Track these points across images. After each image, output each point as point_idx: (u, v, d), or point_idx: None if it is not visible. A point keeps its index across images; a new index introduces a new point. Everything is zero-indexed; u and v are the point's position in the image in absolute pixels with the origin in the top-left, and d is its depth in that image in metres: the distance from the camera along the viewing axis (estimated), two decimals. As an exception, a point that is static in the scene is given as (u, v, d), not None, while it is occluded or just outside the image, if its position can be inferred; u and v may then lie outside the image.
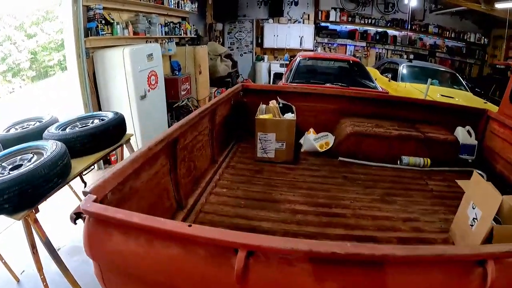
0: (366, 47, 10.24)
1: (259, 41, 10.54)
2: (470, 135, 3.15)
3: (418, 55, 9.75)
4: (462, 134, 3.13)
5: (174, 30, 6.28)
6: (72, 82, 4.03)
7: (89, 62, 4.08)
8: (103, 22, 4.16)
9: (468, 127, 3.17)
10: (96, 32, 4.05)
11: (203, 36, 8.06)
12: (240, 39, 10.67)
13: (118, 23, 4.43)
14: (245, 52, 10.77)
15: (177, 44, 6.39)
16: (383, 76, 6.88)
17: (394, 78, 6.57)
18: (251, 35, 10.58)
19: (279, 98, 3.10)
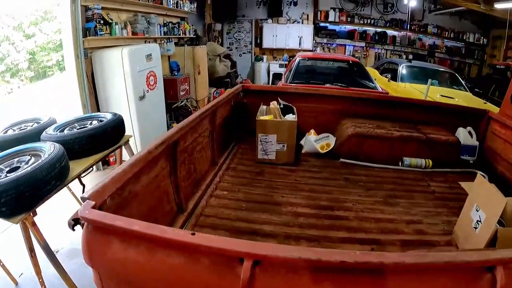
0: (365, 47, 10.24)
1: (258, 41, 10.51)
2: (471, 136, 3.14)
3: (417, 55, 9.75)
4: (463, 135, 3.12)
5: (173, 30, 6.26)
6: (70, 83, 4.00)
7: (87, 63, 4.05)
8: (102, 22, 4.13)
9: (469, 128, 3.16)
10: (95, 32, 4.02)
11: (202, 36, 8.04)
12: (239, 39, 10.64)
13: (117, 23, 4.40)
14: (244, 53, 10.75)
15: (176, 44, 6.37)
16: (383, 77, 6.87)
17: (394, 78, 6.55)
18: (250, 35, 10.56)
19: (280, 99, 3.08)
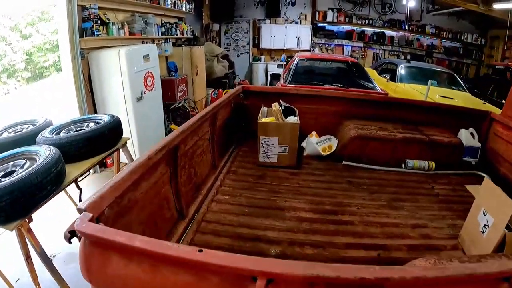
0: (363, 48, 10.23)
1: (256, 41, 10.46)
2: (473, 137, 3.11)
3: (415, 56, 9.74)
4: (466, 136, 3.09)
5: (171, 30, 6.21)
6: (67, 84, 3.94)
7: (84, 63, 3.99)
8: (99, 22, 4.06)
9: (471, 129, 3.14)
10: (91, 33, 3.96)
11: (199, 36, 7.98)
12: (237, 39, 10.58)
13: (114, 23, 4.34)
14: (241, 53, 10.69)
15: (173, 44, 6.32)
16: (381, 77, 6.84)
17: (393, 79, 6.53)
18: (248, 35, 10.50)
19: (281, 101, 3.03)
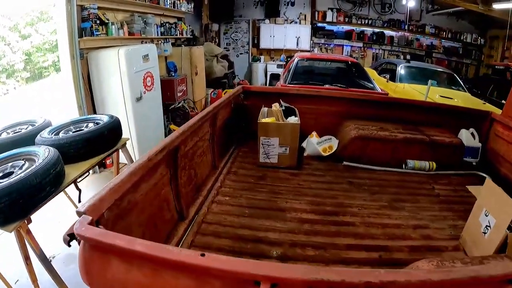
0: (363, 48, 10.22)
1: (256, 41, 10.45)
2: (474, 138, 3.10)
3: (415, 56, 9.74)
4: (466, 137, 3.08)
5: (170, 30, 6.19)
6: (66, 84, 3.93)
7: (83, 63, 3.97)
8: (98, 22, 4.04)
9: (472, 130, 3.13)
10: (91, 33, 3.94)
11: (199, 36, 7.97)
12: (236, 39, 10.57)
13: (113, 23, 4.32)
14: (241, 53, 10.68)
15: (173, 44, 6.31)
16: (381, 77, 6.84)
17: (392, 79, 6.52)
18: (247, 35, 10.49)
19: (281, 101, 3.01)
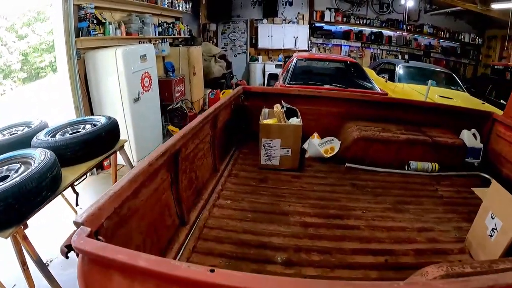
0: (361, 48, 10.21)
1: (253, 41, 10.41)
2: (475, 138, 3.08)
3: (413, 56, 9.75)
4: (468, 137, 3.06)
5: (168, 30, 6.14)
6: (62, 85, 3.87)
7: (80, 64, 3.91)
8: (95, 22, 3.98)
9: (473, 130, 3.10)
10: (88, 32, 3.88)
11: (197, 36, 7.92)
12: (234, 39, 10.53)
13: (111, 23, 4.26)
14: (239, 53, 10.64)
15: (170, 44, 6.27)
16: (380, 77, 6.82)
17: (391, 79, 6.51)
18: (245, 35, 10.45)
19: (283, 102, 2.97)
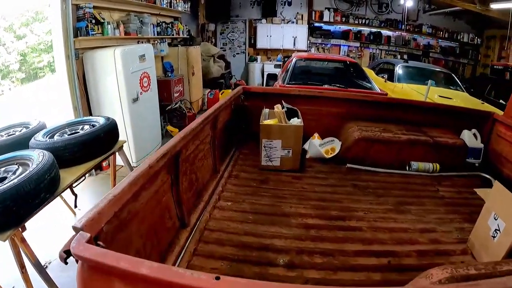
0: (360, 48, 10.21)
1: (252, 41, 10.39)
2: (476, 138, 3.07)
3: (412, 55, 9.75)
4: (468, 137, 3.05)
5: (167, 30, 6.12)
6: (61, 85, 3.84)
7: (78, 64, 3.88)
8: (93, 22, 3.96)
9: (474, 130, 3.10)
10: (86, 32, 3.85)
11: (195, 36, 7.90)
12: (233, 39, 10.51)
13: (109, 23, 4.23)
14: (237, 53, 10.63)
15: (169, 44, 6.24)
16: (379, 77, 6.81)
17: (390, 79, 6.50)
18: (244, 35, 10.44)
19: (284, 102, 2.94)
